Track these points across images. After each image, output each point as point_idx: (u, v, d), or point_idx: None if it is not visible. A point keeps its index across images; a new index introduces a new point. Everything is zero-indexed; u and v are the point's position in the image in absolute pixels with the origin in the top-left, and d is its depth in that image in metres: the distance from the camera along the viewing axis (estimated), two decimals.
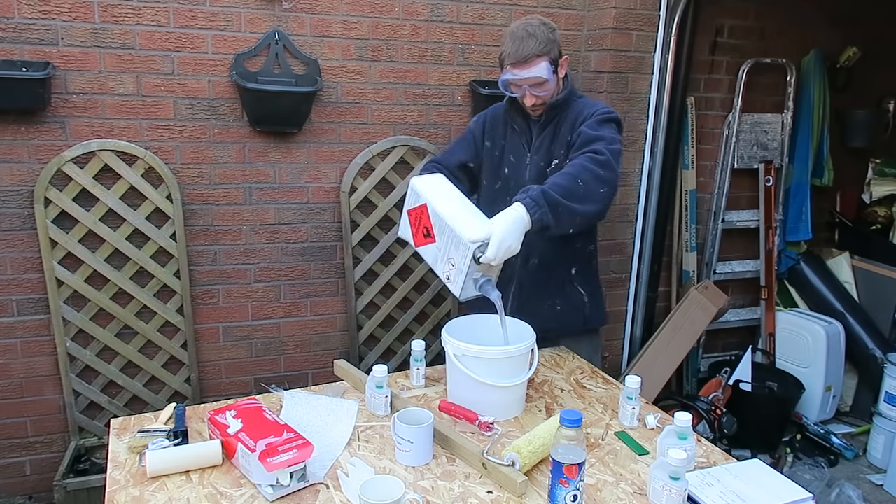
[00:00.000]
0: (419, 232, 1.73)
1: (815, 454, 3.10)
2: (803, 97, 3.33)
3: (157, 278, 2.47)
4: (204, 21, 2.36)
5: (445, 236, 1.62)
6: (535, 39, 1.76)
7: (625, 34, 2.73)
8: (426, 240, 1.70)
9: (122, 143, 2.34)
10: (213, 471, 1.34)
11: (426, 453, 1.40)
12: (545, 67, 1.78)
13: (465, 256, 1.56)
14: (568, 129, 1.86)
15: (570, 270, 1.98)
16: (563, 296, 1.99)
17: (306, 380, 2.80)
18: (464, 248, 1.56)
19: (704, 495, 1.28)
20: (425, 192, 1.70)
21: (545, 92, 1.82)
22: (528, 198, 1.57)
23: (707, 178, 3.29)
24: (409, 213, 1.76)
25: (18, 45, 2.19)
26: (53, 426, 2.50)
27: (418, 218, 1.72)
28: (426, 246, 1.71)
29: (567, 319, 2.01)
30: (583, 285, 2.01)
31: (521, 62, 1.78)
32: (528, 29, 1.78)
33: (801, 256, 3.52)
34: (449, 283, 1.65)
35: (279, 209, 2.61)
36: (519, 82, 1.81)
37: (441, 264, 1.66)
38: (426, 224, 1.69)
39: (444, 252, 1.64)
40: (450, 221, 1.60)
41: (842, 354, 3.32)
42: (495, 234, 1.51)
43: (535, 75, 1.78)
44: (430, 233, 1.68)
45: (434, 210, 1.66)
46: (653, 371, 2.91)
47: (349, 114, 2.62)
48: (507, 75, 1.81)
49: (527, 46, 1.76)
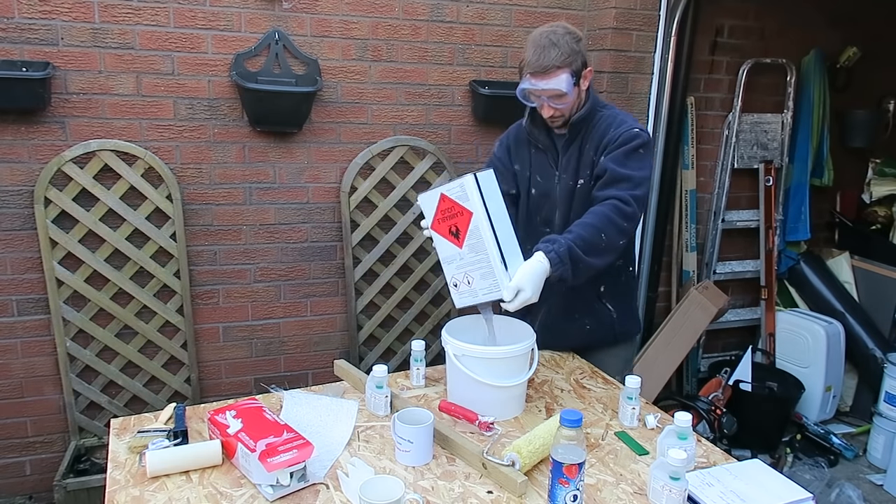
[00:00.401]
0: (445, 224, 1.63)
1: (815, 454, 3.10)
2: (803, 97, 3.33)
3: (157, 278, 2.47)
4: (204, 21, 2.36)
5: (476, 257, 1.57)
6: (558, 49, 1.67)
7: (625, 34, 2.73)
8: (450, 236, 1.63)
9: (122, 143, 2.34)
10: (213, 471, 1.34)
11: (426, 453, 1.40)
12: (565, 80, 1.68)
13: (489, 295, 1.57)
14: (592, 148, 1.78)
15: (598, 288, 1.91)
16: (591, 314, 1.93)
17: (306, 380, 2.80)
18: (492, 289, 1.56)
19: (704, 495, 1.28)
20: (476, 202, 1.55)
21: (564, 105, 1.73)
22: (554, 253, 1.55)
23: (707, 178, 3.29)
24: (444, 199, 1.62)
25: (18, 45, 2.19)
26: (53, 426, 2.50)
27: (452, 213, 1.61)
28: (444, 241, 1.64)
29: (596, 337, 1.95)
30: (611, 301, 1.93)
31: (541, 72, 1.69)
32: (552, 37, 1.68)
33: (801, 256, 3.52)
34: (454, 290, 1.65)
35: (279, 209, 2.61)
36: (537, 93, 1.73)
37: (455, 270, 1.64)
38: (459, 226, 1.60)
39: (465, 265, 1.60)
40: (491, 253, 1.54)
41: (842, 354, 3.32)
42: (523, 291, 1.52)
43: (553, 87, 1.69)
44: (458, 236, 1.61)
45: (479, 227, 1.56)
46: (653, 371, 2.92)
47: (349, 114, 2.62)
48: (526, 84, 1.73)
49: (548, 56, 1.67)
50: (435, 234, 1.66)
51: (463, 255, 1.60)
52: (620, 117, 1.80)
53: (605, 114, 1.81)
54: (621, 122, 1.77)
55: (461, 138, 2.80)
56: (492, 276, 1.55)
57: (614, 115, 1.81)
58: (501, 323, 1.74)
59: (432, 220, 1.66)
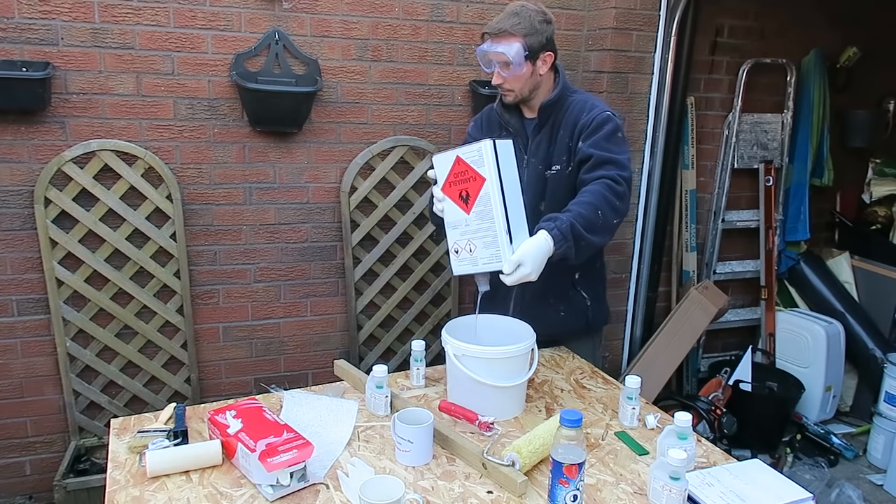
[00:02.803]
0: (456, 188, 1.61)
1: (815, 454, 3.10)
2: (803, 97, 3.33)
3: (157, 278, 2.47)
4: (204, 21, 2.36)
5: (483, 225, 1.55)
6: (518, 18, 1.72)
7: (625, 34, 2.73)
8: (459, 201, 1.60)
9: (122, 143, 2.34)
10: (213, 471, 1.34)
11: (426, 453, 1.40)
12: (516, 49, 1.71)
13: (490, 265, 1.55)
14: (567, 133, 1.81)
15: (573, 276, 1.95)
16: (566, 301, 1.96)
17: (306, 380, 2.80)
18: (493, 259, 1.54)
19: (704, 495, 1.28)
20: (491, 169, 1.53)
21: (510, 74, 1.75)
22: (557, 231, 1.54)
23: (707, 178, 3.29)
24: (459, 161, 1.59)
25: (18, 45, 2.19)
26: (53, 426, 2.50)
27: (465, 177, 1.58)
28: (453, 205, 1.62)
29: (571, 324, 1.99)
30: (586, 289, 1.98)
31: (494, 34, 1.74)
32: (518, 9, 1.74)
33: (801, 256, 3.52)
34: (454, 256, 1.63)
35: (279, 209, 2.61)
36: (487, 55, 1.77)
37: (458, 236, 1.62)
38: (470, 191, 1.57)
39: (469, 231, 1.58)
40: (498, 222, 1.53)
41: (842, 354, 3.32)
42: (524, 266, 1.50)
43: (500, 51, 1.72)
44: (468, 201, 1.58)
45: (490, 194, 1.53)
46: (653, 371, 2.91)
47: (349, 114, 2.62)
48: (484, 45, 1.77)
49: (505, 21, 1.73)
50: (445, 198, 1.64)
51: (469, 222, 1.58)
52: (591, 101, 1.83)
53: (576, 98, 1.84)
54: (593, 107, 1.79)
55: (461, 138, 2.79)
56: (495, 245, 1.53)
57: (585, 100, 1.83)
58: (500, 322, 1.74)
59: (444, 183, 1.64)
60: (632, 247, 3.02)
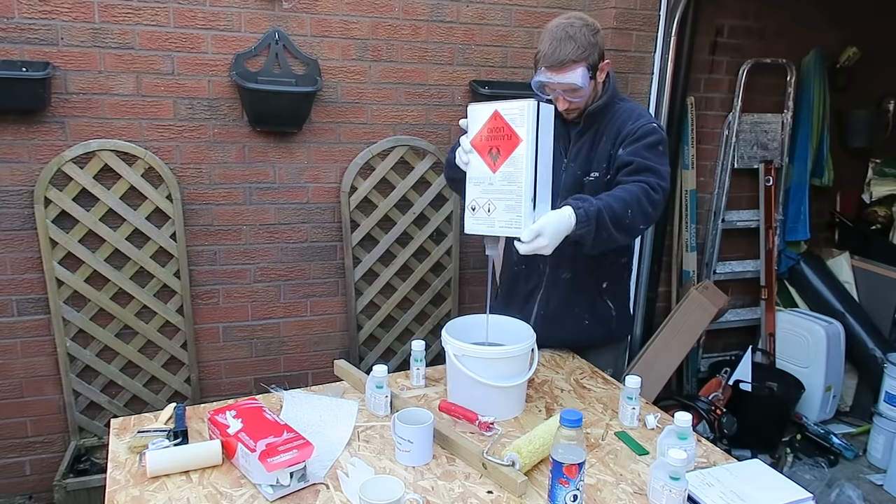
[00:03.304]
0: (486, 144, 1.55)
1: (815, 454, 3.10)
2: (803, 97, 3.33)
3: (157, 278, 2.47)
4: (204, 21, 2.36)
5: (508, 187, 1.50)
6: (574, 43, 1.64)
7: (625, 34, 2.73)
8: (487, 157, 1.54)
9: (122, 143, 2.34)
10: (213, 471, 1.34)
11: (426, 453, 1.40)
12: (581, 74, 1.66)
13: (507, 229, 1.50)
14: (609, 141, 1.76)
15: (601, 285, 1.91)
16: (592, 310, 1.92)
17: (306, 380, 2.80)
18: (512, 224, 1.49)
19: (704, 495, 1.28)
20: (530, 131, 1.47)
21: (580, 98, 1.72)
22: (583, 211, 1.51)
23: (707, 178, 3.29)
24: (496, 117, 1.52)
25: (18, 45, 2.19)
26: (53, 426, 2.50)
27: (500, 133, 1.51)
28: (479, 160, 1.56)
29: (594, 333, 1.94)
30: (612, 299, 1.93)
31: (557, 66, 1.66)
32: (569, 30, 1.65)
33: (801, 256, 3.52)
34: (470, 213, 1.58)
35: (279, 209, 2.61)
36: (552, 86, 1.70)
37: (479, 193, 1.56)
38: (501, 149, 1.51)
39: (492, 191, 1.53)
40: (526, 186, 1.47)
41: (842, 354, 3.32)
42: (542, 237, 1.46)
43: (569, 81, 1.66)
44: (497, 159, 1.52)
45: (522, 156, 1.47)
46: (653, 371, 2.91)
47: (349, 114, 2.62)
48: (542, 77, 1.69)
49: (564, 50, 1.64)
50: (472, 153, 1.58)
51: (493, 181, 1.53)
52: (638, 111, 1.78)
53: (623, 106, 1.79)
54: (639, 117, 1.75)
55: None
56: (516, 210, 1.49)
57: (632, 109, 1.79)
58: (501, 322, 1.74)
59: (475, 135, 1.58)
60: (632, 247, 3.01)
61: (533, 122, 1.48)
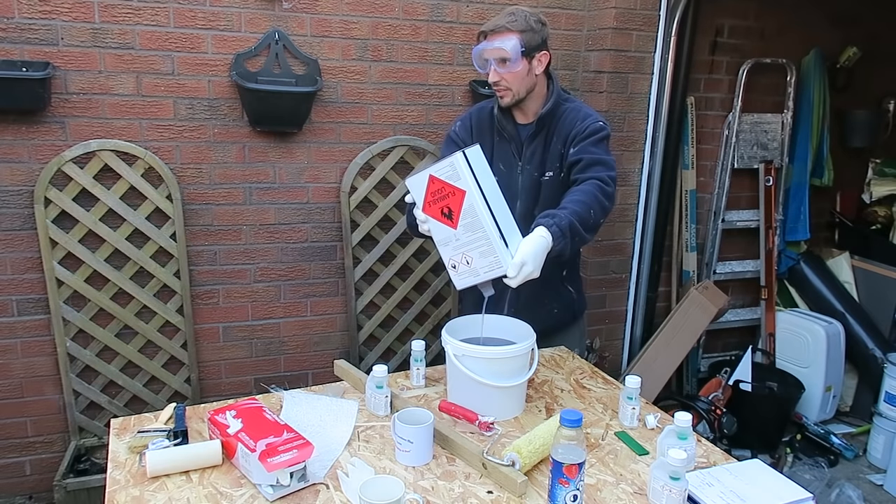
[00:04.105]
0: (436, 206, 1.60)
1: (815, 454, 3.10)
2: (803, 97, 3.32)
3: (157, 278, 2.47)
4: (204, 21, 2.36)
5: (474, 236, 1.54)
6: (514, 17, 1.77)
7: (625, 34, 2.73)
8: (443, 218, 1.59)
9: (122, 143, 2.34)
10: (213, 471, 1.34)
11: (426, 453, 1.40)
12: (513, 44, 1.74)
13: (491, 272, 1.55)
14: (560, 141, 1.84)
15: (561, 273, 2.01)
16: (558, 298, 2.02)
17: (306, 380, 2.80)
18: (493, 266, 1.54)
19: (704, 495, 1.28)
20: (469, 180, 1.52)
21: (507, 71, 1.78)
22: (556, 227, 1.56)
23: (707, 178, 3.29)
24: (433, 180, 1.58)
25: (18, 45, 2.19)
26: (53, 426, 2.50)
27: (442, 194, 1.57)
28: (437, 223, 1.61)
29: (561, 319, 2.06)
30: (571, 283, 2.05)
31: (490, 31, 1.78)
32: (514, 9, 1.79)
33: (801, 256, 3.52)
34: (453, 272, 1.62)
35: (279, 209, 2.61)
36: (485, 53, 1.80)
37: (451, 252, 1.60)
38: (452, 206, 1.56)
39: (462, 245, 1.57)
40: (489, 230, 1.52)
41: (842, 354, 3.32)
42: (527, 265, 1.51)
43: (498, 46, 1.75)
44: (452, 217, 1.56)
45: (473, 205, 1.52)
46: (653, 371, 2.92)
47: (349, 114, 2.62)
48: (478, 46, 1.81)
49: (501, 20, 1.77)
50: (429, 219, 1.63)
51: (458, 236, 1.57)
52: (584, 110, 1.88)
53: (569, 106, 1.89)
54: (586, 116, 1.85)
55: None
56: (492, 253, 1.53)
57: (578, 108, 1.88)
58: (501, 322, 1.74)
59: (423, 203, 1.64)
60: (632, 247, 3.02)
61: (467, 170, 1.52)
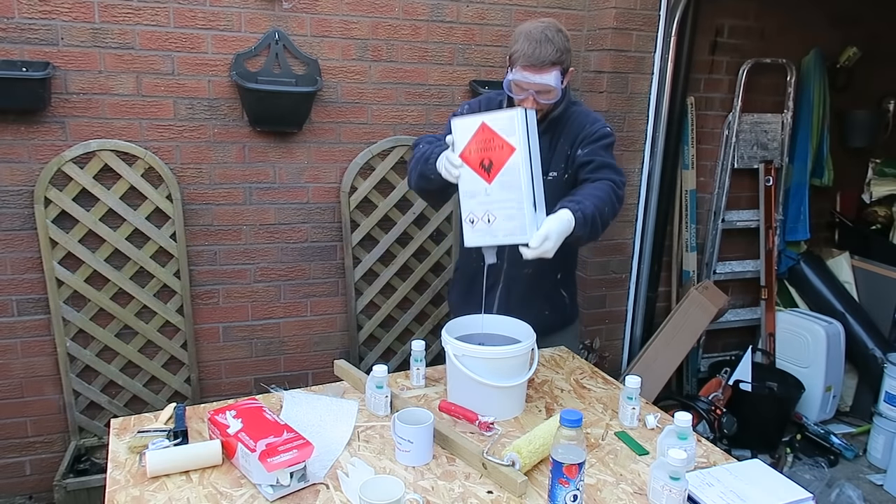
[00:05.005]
0: (477, 155, 1.54)
1: (815, 454, 3.10)
2: (803, 97, 3.32)
3: (157, 278, 2.47)
4: (204, 21, 2.36)
5: (507, 196, 1.50)
6: (553, 46, 1.70)
7: (625, 34, 2.73)
8: (479, 169, 1.54)
9: (122, 143, 2.34)
10: (213, 471, 1.34)
11: (426, 453, 1.40)
12: (556, 77, 1.71)
13: (510, 237, 1.52)
14: (567, 143, 1.84)
15: (556, 276, 2.00)
16: (550, 302, 2.01)
17: (306, 380, 2.80)
18: (515, 231, 1.51)
19: (704, 495, 1.28)
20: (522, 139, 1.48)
21: (549, 101, 1.76)
22: (581, 213, 1.56)
23: (707, 178, 3.29)
24: (484, 128, 1.52)
25: (18, 45, 2.19)
26: (53, 426, 2.50)
27: (490, 145, 1.51)
28: (471, 173, 1.55)
29: (550, 322, 2.02)
30: (566, 288, 2.04)
31: (536, 66, 1.70)
32: (547, 33, 1.71)
33: (801, 256, 3.52)
34: (469, 226, 1.59)
35: (279, 209, 2.61)
36: (527, 86, 1.74)
37: (476, 205, 1.56)
38: (494, 160, 1.50)
39: (490, 202, 1.53)
40: (525, 194, 1.48)
41: (842, 354, 3.32)
42: (549, 240, 1.50)
43: (545, 83, 1.71)
44: (490, 170, 1.52)
45: (518, 165, 1.48)
46: (653, 371, 2.91)
47: (349, 114, 2.62)
48: (517, 76, 1.73)
49: (544, 52, 1.69)
50: (462, 166, 1.60)
51: (490, 191, 1.53)
52: (593, 115, 1.90)
53: (577, 110, 1.90)
54: (595, 120, 1.87)
55: None
56: (518, 218, 1.50)
57: (586, 113, 1.90)
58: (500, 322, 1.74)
59: (462, 149, 1.59)
60: (632, 247, 3.02)
61: (524, 130, 1.50)
